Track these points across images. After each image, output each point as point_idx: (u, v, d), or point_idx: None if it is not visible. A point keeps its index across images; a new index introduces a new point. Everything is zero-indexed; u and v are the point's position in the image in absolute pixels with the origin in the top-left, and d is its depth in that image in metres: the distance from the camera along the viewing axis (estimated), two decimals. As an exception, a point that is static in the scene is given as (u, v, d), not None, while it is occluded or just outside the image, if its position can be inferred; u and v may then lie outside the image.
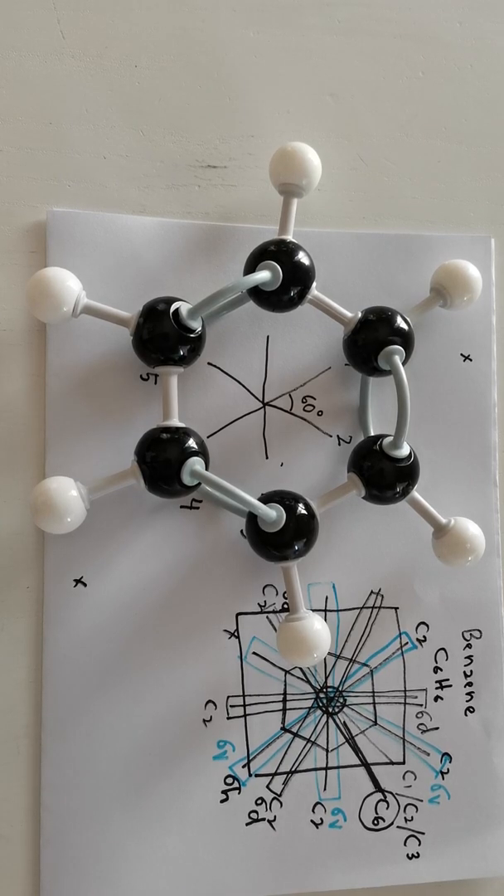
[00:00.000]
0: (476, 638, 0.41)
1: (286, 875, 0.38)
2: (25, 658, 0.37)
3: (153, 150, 0.39)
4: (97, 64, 0.39)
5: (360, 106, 0.41)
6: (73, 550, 0.37)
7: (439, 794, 0.40)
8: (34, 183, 0.38)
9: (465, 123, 0.42)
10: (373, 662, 0.40)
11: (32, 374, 0.38)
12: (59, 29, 0.38)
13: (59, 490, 0.35)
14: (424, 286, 0.40)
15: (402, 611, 0.40)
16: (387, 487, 0.37)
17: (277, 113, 0.40)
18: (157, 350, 0.36)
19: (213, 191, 0.40)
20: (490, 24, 0.42)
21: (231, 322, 0.39)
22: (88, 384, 0.38)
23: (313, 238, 0.39)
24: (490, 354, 0.41)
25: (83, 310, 0.36)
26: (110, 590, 0.38)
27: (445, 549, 0.38)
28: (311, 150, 0.37)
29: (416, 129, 0.41)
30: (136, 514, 0.38)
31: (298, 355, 0.40)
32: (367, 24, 0.41)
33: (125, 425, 0.38)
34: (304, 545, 0.36)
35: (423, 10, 0.41)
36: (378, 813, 0.39)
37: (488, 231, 0.42)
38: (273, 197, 0.38)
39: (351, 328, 0.38)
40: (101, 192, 0.39)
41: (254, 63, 0.40)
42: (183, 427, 0.36)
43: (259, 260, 0.36)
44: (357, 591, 0.40)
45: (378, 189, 0.41)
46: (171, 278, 0.38)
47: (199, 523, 0.39)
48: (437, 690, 0.40)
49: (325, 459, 0.40)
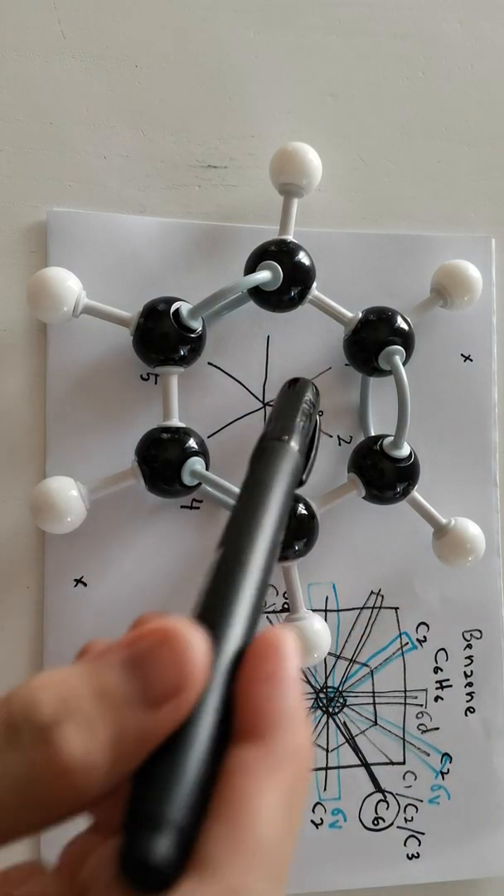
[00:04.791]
0: (476, 638, 0.41)
1: (286, 875, 0.38)
2: (25, 658, 0.37)
3: (153, 150, 0.39)
4: (97, 64, 0.39)
5: (360, 106, 0.41)
6: (73, 550, 0.37)
7: (439, 794, 0.40)
8: (34, 183, 0.38)
9: (465, 123, 0.42)
10: (373, 662, 0.40)
11: (32, 374, 0.38)
12: (59, 29, 0.38)
13: (59, 490, 0.35)
14: (424, 286, 0.40)
15: (402, 611, 0.40)
16: (387, 487, 0.37)
17: (277, 113, 0.40)
18: (157, 350, 0.36)
19: (214, 191, 0.40)
20: (490, 24, 0.42)
21: (231, 322, 0.39)
22: (88, 384, 0.38)
23: (313, 238, 0.39)
24: (490, 354, 0.41)
25: (83, 310, 0.36)
26: (110, 590, 0.38)
27: (445, 549, 0.38)
28: (312, 150, 0.37)
29: (416, 129, 0.41)
30: (136, 514, 0.38)
31: (299, 355, 0.40)
32: (367, 24, 0.41)
33: (125, 425, 0.38)
34: (304, 545, 0.36)
35: (423, 10, 0.41)
36: (378, 813, 0.39)
37: (488, 231, 0.42)
38: (273, 197, 0.38)
39: (351, 328, 0.38)
40: (102, 192, 0.39)
41: (254, 63, 0.40)
42: (183, 427, 0.36)
43: (259, 260, 0.36)
44: (357, 591, 0.40)
45: (378, 189, 0.41)
46: (171, 278, 0.38)
47: (199, 523, 0.39)
48: (438, 690, 0.40)
49: (326, 459, 0.40)
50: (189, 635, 0.16)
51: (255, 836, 0.15)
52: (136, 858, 0.14)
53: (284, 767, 0.16)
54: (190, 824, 0.15)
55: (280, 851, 0.15)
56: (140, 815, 0.15)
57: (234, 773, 0.15)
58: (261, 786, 0.15)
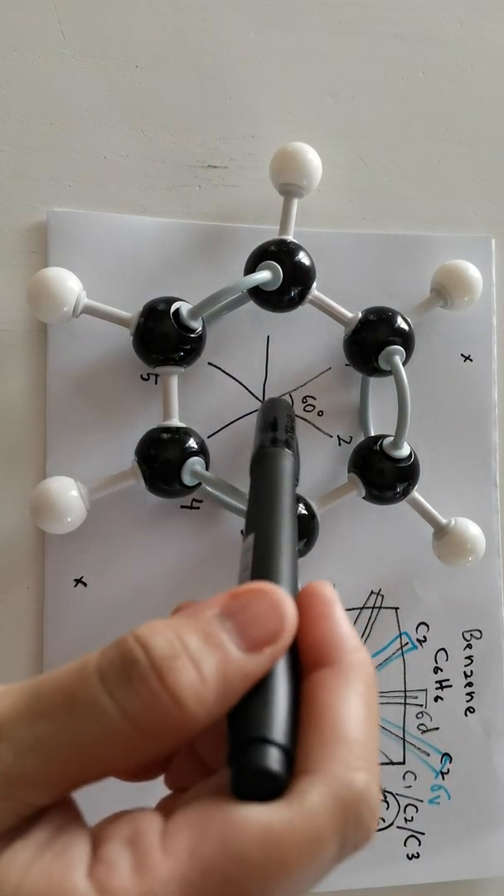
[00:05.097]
0: (476, 638, 0.41)
1: (286, 875, 0.38)
2: (25, 658, 0.37)
3: (153, 151, 0.39)
4: (97, 64, 0.39)
5: (360, 106, 0.41)
6: (73, 550, 0.37)
7: (439, 794, 0.40)
8: (34, 183, 0.38)
9: (465, 123, 0.42)
10: (373, 662, 0.40)
11: (32, 374, 0.38)
12: (59, 29, 0.38)
13: (59, 490, 0.35)
14: (425, 286, 0.40)
15: (402, 611, 0.40)
16: (387, 487, 0.37)
17: (278, 113, 0.40)
18: (157, 350, 0.36)
19: (214, 191, 0.40)
20: (490, 24, 0.42)
21: (231, 322, 0.39)
22: (88, 384, 0.38)
23: (314, 238, 0.39)
24: (490, 354, 0.41)
25: (83, 310, 0.36)
26: (110, 590, 0.38)
27: (445, 550, 0.38)
28: (312, 150, 0.37)
29: (416, 129, 0.41)
30: (136, 514, 0.38)
31: (299, 355, 0.40)
32: (367, 24, 0.41)
33: (125, 425, 0.38)
34: (305, 545, 0.36)
35: (423, 10, 0.41)
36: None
37: (488, 231, 0.42)
38: (273, 197, 0.38)
39: (351, 328, 0.38)
40: (102, 193, 0.39)
41: (254, 63, 0.40)
42: (183, 427, 0.36)
43: (259, 260, 0.36)
44: (357, 591, 0.40)
45: (378, 189, 0.41)
46: (171, 278, 0.38)
47: (199, 523, 0.39)
48: (438, 691, 0.40)
49: (326, 459, 0.40)
50: (281, 593, 0.19)
51: (346, 736, 0.17)
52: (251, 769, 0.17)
53: (355, 679, 0.19)
54: (290, 742, 0.17)
55: (370, 745, 0.18)
56: (247, 738, 0.17)
57: (316, 693, 0.18)
58: (341, 696, 0.18)
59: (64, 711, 0.17)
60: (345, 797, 0.17)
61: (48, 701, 0.17)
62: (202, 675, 0.17)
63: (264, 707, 0.18)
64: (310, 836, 0.16)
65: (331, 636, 0.19)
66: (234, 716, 0.18)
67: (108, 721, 0.16)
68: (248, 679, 0.18)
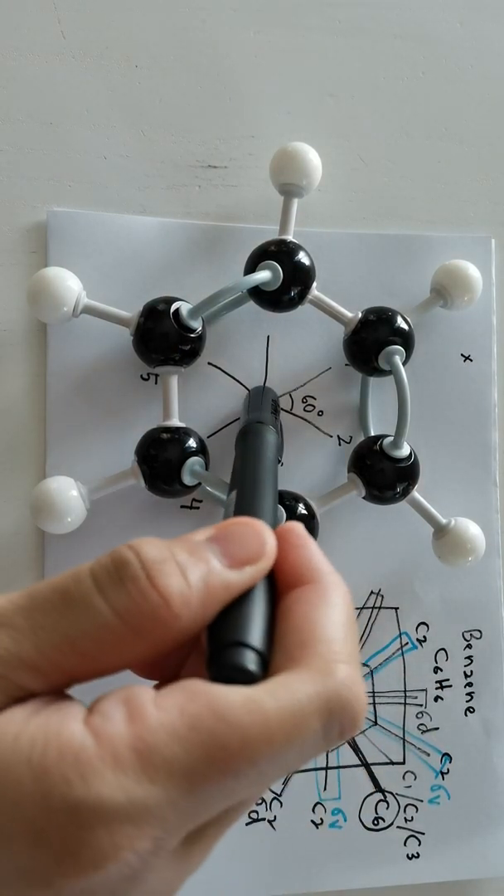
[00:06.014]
0: (476, 638, 0.41)
1: (286, 875, 0.38)
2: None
3: (153, 151, 0.39)
4: (97, 64, 0.39)
5: (360, 106, 0.41)
6: (73, 550, 0.37)
7: (439, 794, 0.40)
8: (34, 183, 0.38)
9: (465, 123, 0.42)
10: (373, 662, 0.40)
11: (32, 374, 0.38)
12: (59, 29, 0.38)
13: (59, 490, 0.35)
14: (425, 286, 0.40)
15: (402, 611, 0.40)
16: (387, 487, 0.37)
17: (277, 113, 0.40)
18: (157, 350, 0.36)
19: (214, 191, 0.40)
20: (490, 24, 0.42)
21: (231, 322, 0.39)
22: (88, 384, 0.38)
23: (313, 238, 0.39)
24: (490, 354, 0.41)
25: (83, 310, 0.36)
26: (110, 590, 0.37)
27: (445, 550, 0.38)
28: (312, 150, 0.37)
29: (416, 129, 0.41)
30: (136, 514, 0.38)
31: (299, 355, 0.40)
32: (367, 24, 0.41)
33: (125, 425, 0.38)
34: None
35: (423, 10, 0.41)
36: (378, 813, 0.39)
37: (488, 231, 0.42)
38: (273, 197, 0.38)
39: (351, 328, 0.38)
40: (102, 193, 0.39)
41: (254, 63, 0.40)
42: (183, 427, 0.36)
43: (259, 260, 0.36)
44: (357, 591, 0.40)
45: (378, 189, 0.41)
46: (171, 278, 0.38)
47: (199, 523, 0.38)
48: (437, 690, 0.40)
49: (325, 459, 0.40)
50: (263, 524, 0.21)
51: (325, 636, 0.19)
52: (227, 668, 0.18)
53: (332, 593, 0.20)
54: (265, 648, 0.18)
55: (349, 645, 0.19)
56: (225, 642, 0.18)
57: (293, 606, 0.20)
58: (318, 606, 0.19)
59: (58, 607, 0.18)
60: (327, 683, 0.18)
61: (44, 598, 0.18)
62: (188, 581, 0.18)
63: (241, 618, 0.19)
64: (292, 709, 0.17)
65: (307, 560, 0.21)
66: (213, 627, 0.19)
67: (99, 617, 0.18)
68: (228, 590, 0.19)
